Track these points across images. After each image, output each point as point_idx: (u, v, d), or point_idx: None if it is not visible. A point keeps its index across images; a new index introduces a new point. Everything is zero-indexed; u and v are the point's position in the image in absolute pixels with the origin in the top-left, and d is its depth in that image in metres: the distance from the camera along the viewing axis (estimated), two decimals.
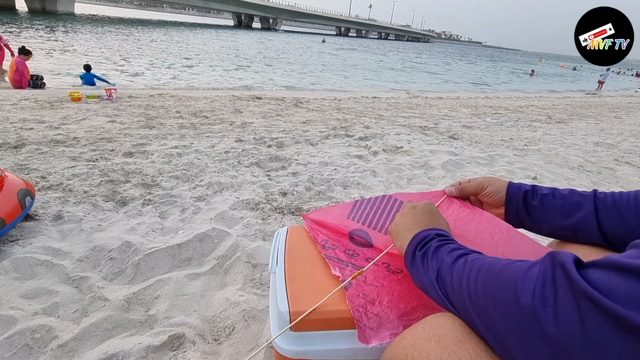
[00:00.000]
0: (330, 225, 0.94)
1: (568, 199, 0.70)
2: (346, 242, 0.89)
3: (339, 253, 0.85)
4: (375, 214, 0.91)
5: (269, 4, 79.97)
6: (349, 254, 0.84)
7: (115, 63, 11.09)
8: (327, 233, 0.92)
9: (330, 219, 0.95)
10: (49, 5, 38.96)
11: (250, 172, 2.78)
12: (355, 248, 0.87)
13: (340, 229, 0.92)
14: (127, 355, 1.14)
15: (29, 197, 1.80)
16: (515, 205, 0.75)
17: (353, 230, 0.91)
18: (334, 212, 0.97)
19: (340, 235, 0.91)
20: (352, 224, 0.92)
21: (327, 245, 0.88)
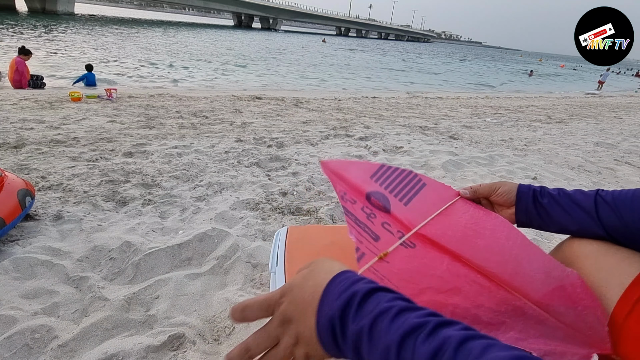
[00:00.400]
0: (350, 179, 0.86)
1: (572, 197, 0.74)
2: (364, 201, 0.82)
3: (357, 210, 0.78)
4: (399, 183, 0.87)
5: (269, 4, 79.98)
6: (367, 212, 0.79)
7: (115, 63, 11.09)
8: (346, 186, 0.85)
9: (352, 173, 0.87)
10: (49, 5, 38.98)
11: (250, 172, 2.78)
12: (373, 209, 0.81)
13: (360, 186, 0.85)
14: (127, 355, 1.14)
15: (29, 197, 1.80)
16: (525, 204, 0.78)
17: (372, 191, 0.85)
18: (357, 167, 0.90)
19: (358, 192, 0.84)
20: (374, 185, 0.86)
21: (346, 197, 0.81)
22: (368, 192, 0.84)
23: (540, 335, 0.62)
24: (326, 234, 0.97)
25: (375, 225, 0.75)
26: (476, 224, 0.79)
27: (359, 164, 0.91)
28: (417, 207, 0.82)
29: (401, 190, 0.86)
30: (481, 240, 0.75)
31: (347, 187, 0.84)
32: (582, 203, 0.73)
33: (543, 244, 2.06)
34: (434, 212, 0.82)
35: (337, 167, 0.89)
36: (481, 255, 0.72)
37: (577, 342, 0.62)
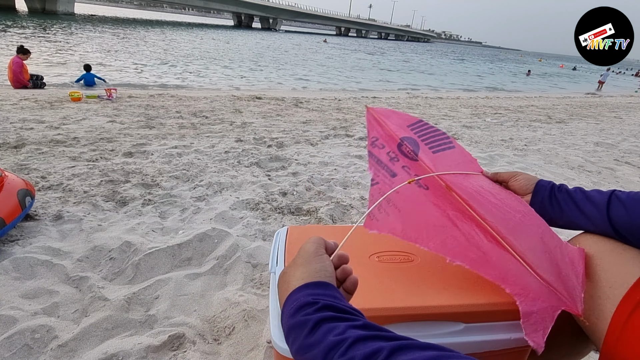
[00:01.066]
0: (389, 125, 0.97)
1: (587, 194, 0.78)
2: (394, 147, 0.92)
3: (383, 154, 0.88)
4: (433, 137, 0.97)
5: (269, 4, 79.97)
6: (391, 156, 0.88)
7: (114, 63, 11.09)
8: (381, 132, 0.94)
9: (392, 120, 0.98)
10: (49, 5, 38.97)
11: (250, 172, 2.78)
12: (398, 154, 0.89)
13: (395, 132, 0.95)
14: (127, 355, 1.14)
15: (29, 197, 1.80)
16: (541, 196, 0.82)
17: (406, 136, 0.94)
18: (398, 116, 1.00)
19: (392, 139, 0.94)
20: (409, 132, 0.96)
21: (376, 143, 0.91)
22: (402, 136, 0.94)
23: (518, 283, 0.67)
24: (326, 234, 0.97)
25: (395, 166, 0.85)
26: (490, 189, 0.87)
27: (401, 114, 1.01)
28: (442, 158, 0.92)
29: (433, 142, 0.96)
30: (492, 199, 0.82)
31: (382, 132, 0.95)
32: (594, 199, 0.75)
33: None
34: (456, 169, 0.91)
35: (380, 113, 1.00)
36: (487, 209, 0.79)
37: (550, 298, 0.66)
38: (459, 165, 0.93)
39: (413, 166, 0.88)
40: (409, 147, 0.92)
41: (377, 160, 0.86)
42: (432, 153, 0.93)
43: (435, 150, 0.94)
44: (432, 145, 0.95)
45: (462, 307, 0.72)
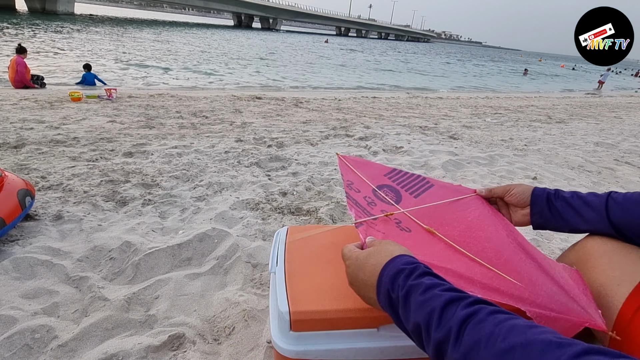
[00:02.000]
0: (362, 174, 0.96)
1: (584, 199, 0.78)
2: (369, 192, 0.90)
3: (359, 197, 0.87)
4: (410, 182, 0.96)
5: (269, 4, 79.96)
6: (368, 201, 0.86)
7: (114, 63, 11.09)
8: (355, 178, 0.94)
9: (365, 170, 0.97)
10: (49, 5, 38.96)
11: (250, 172, 2.78)
12: (375, 199, 0.88)
13: (371, 180, 0.94)
14: (127, 355, 1.14)
15: (29, 197, 1.80)
16: (539, 207, 0.81)
17: (383, 184, 0.93)
18: (373, 166, 0.99)
19: (366, 185, 0.93)
20: (386, 181, 0.95)
21: (353, 186, 0.90)
22: (379, 184, 0.93)
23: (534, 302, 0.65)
24: (326, 234, 0.97)
25: (373, 211, 0.83)
26: (481, 221, 0.84)
27: (375, 165, 1.00)
28: (426, 198, 0.91)
29: (412, 187, 0.95)
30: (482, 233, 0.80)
31: (356, 179, 0.93)
32: (592, 203, 0.75)
33: (543, 243, 2.06)
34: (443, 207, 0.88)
35: (352, 162, 1.00)
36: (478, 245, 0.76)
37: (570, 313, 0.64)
38: (445, 197, 0.91)
39: (391, 209, 0.86)
40: (389, 193, 0.91)
41: (355, 202, 0.84)
42: (414, 198, 0.91)
43: (417, 194, 0.93)
44: (412, 190, 0.94)
45: None
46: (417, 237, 0.77)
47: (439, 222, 0.83)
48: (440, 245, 0.76)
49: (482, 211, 0.87)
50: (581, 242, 0.80)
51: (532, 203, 0.82)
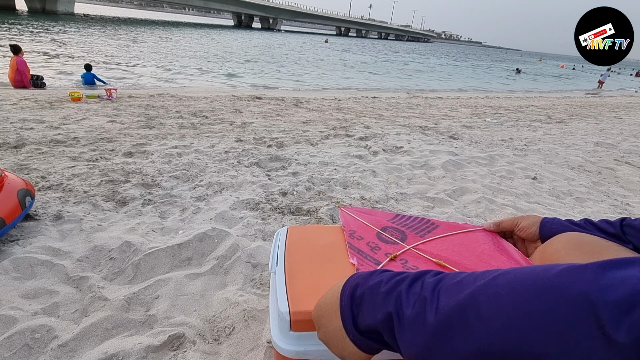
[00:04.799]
0: (366, 220, 0.96)
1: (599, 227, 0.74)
2: (373, 237, 0.90)
3: (362, 244, 0.86)
4: (415, 224, 0.96)
5: (269, 4, 79.95)
6: (371, 246, 0.86)
7: (114, 63, 11.09)
8: (358, 225, 0.94)
9: (368, 219, 0.96)
10: (49, 5, 38.96)
11: (250, 172, 2.78)
12: (379, 243, 0.87)
13: (374, 225, 0.94)
14: (127, 355, 1.14)
15: (29, 197, 1.80)
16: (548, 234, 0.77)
17: (387, 227, 0.93)
18: (376, 213, 1.00)
19: (370, 230, 0.92)
20: (391, 224, 0.95)
21: (355, 235, 0.90)
22: (383, 227, 0.93)
23: None
24: (326, 234, 0.97)
25: (377, 255, 0.83)
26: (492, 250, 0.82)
27: (378, 212, 1.01)
28: (432, 236, 0.90)
29: (417, 228, 0.94)
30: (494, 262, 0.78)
31: (359, 226, 0.94)
32: (609, 230, 0.73)
33: None
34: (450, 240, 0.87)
35: (355, 211, 1.00)
36: None
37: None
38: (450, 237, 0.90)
39: (397, 250, 0.85)
40: (395, 233, 0.91)
41: (358, 251, 0.84)
42: (420, 237, 0.90)
43: (423, 233, 0.92)
44: (417, 230, 0.93)
45: None
46: None
47: (448, 254, 0.82)
48: None
49: (492, 242, 0.85)
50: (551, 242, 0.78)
51: (542, 237, 0.79)
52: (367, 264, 0.79)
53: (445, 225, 0.94)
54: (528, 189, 2.95)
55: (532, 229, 0.80)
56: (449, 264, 0.77)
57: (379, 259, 0.81)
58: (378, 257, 0.82)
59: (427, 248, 0.85)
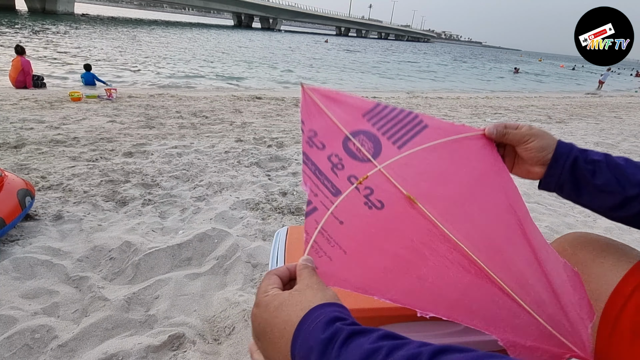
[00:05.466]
0: (335, 115, 0.68)
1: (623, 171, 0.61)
2: (337, 145, 0.66)
3: (322, 158, 0.63)
4: (396, 125, 0.70)
5: (269, 4, 80.00)
6: (333, 162, 0.63)
7: (113, 63, 11.09)
8: (322, 124, 0.67)
9: (340, 108, 0.70)
10: (49, 5, 38.97)
11: (250, 172, 2.78)
12: (344, 157, 0.64)
13: (344, 124, 0.68)
14: (127, 355, 1.14)
15: (29, 197, 1.80)
16: (560, 170, 0.64)
17: (359, 130, 0.68)
18: (351, 101, 0.71)
19: (336, 134, 0.67)
20: (364, 124, 0.69)
21: (314, 140, 0.65)
22: (354, 130, 0.67)
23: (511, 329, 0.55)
24: None
25: (338, 179, 0.62)
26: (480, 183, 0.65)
27: (353, 99, 0.72)
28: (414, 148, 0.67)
29: (397, 132, 0.69)
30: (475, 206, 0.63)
31: (323, 125, 0.67)
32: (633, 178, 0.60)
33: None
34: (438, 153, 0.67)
35: (323, 97, 0.70)
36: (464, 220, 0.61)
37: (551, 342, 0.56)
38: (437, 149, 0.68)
39: (366, 170, 0.64)
40: (366, 143, 0.67)
41: (314, 169, 0.61)
42: (397, 148, 0.67)
43: (404, 142, 0.68)
44: (398, 136, 0.68)
45: None
46: (391, 215, 0.60)
47: (426, 182, 0.64)
48: (421, 224, 0.60)
49: (484, 167, 0.67)
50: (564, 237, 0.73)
51: (553, 163, 0.64)
52: (322, 195, 0.59)
53: (434, 128, 0.70)
54: (528, 188, 2.95)
55: (542, 154, 0.64)
56: (422, 202, 0.61)
57: (340, 188, 0.61)
58: (339, 183, 0.61)
59: (401, 168, 0.64)
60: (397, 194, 0.62)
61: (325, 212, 0.58)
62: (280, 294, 0.46)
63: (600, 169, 0.61)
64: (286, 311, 0.43)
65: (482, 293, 0.56)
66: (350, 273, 0.54)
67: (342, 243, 0.56)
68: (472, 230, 0.61)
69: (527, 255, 0.60)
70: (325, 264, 0.54)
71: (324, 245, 0.55)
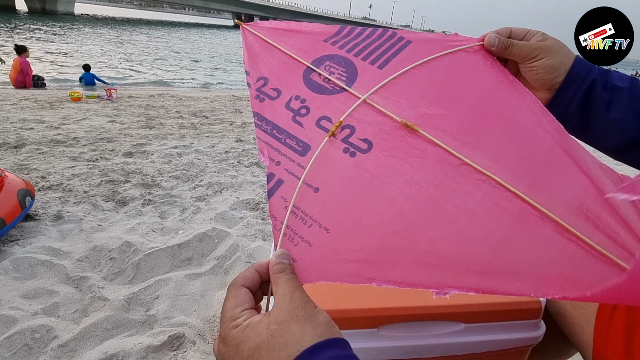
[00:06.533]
0: (289, 47, 0.53)
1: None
2: (297, 81, 0.50)
3: (278, 110, 0.48)
4: (371, 44, 0.53)
5: (269, 4, 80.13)
6: (294, 108, 0.48)
7: (113, 63, 11.10)
8: (273, 63, 0.52)
9: (293, 40, 0.54)
10: (49, 6, 39.00)
11: (250, 172, 2.78)
12: (308, 96, 0.48)
13: (302, 55, 0.52)
14: (127, 355, 1.14)
15: (29, 197, 1.80)
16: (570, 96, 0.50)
17: (324, 57, 0.52)
18: (303, 29, 0.55)
19: (294, 69, 0.51)
20: (330, 49, 0.53)
21: (264, 89, 0.50)
22: (317, 58, 0.52)
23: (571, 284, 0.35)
24: None
25: (304, 128, 0.46)
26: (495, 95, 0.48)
27: (308, 26, 0.56)
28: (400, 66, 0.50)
29: (374, 51, 0.52)
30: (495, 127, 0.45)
31: (273, 64, 0.52)
32: None
33: None
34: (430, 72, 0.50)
35: (268, 32, 0.55)
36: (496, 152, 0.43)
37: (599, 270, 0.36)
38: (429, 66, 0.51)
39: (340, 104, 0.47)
40: (336, 69, 0.50)
41: (271, 128, 0.46)
42: (378, 68, 0.50)
43: (384, 60, 0.51)
44: (375, 56, 0.51)
45: (462, 307, 0.72)
46: (383, 156, 0.43)
47: (423, 105, 0.47)
48: (429, 157, 0.43)
49: (494, 78, 0.50)
50: None
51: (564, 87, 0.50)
52: (286, 159, 0.44)
53: (421, 42, 0.53)
54: None
55: (552, 76, 0.49)
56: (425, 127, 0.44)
57: (308, 141, 0.45)
58: (305, 135, 0.45)
59: (390, 94, 0.47)
60: (388, 123, 0.45)
61: (294, 183, 0.42)
62: (254, 326, 0.33)
63: (619, 98, 0.49)
64: (266, 358, 0.31)
65: (530, 240, 0.38)
66: (338, 257, 0.40)
67: (322, 218, 0.41)
68: (502, 151, 0.43)
69: (579, 179, 0.41)
70: (304, 253, 0.40)
71: (299, 228, 0.41)
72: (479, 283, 0.37)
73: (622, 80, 0.50)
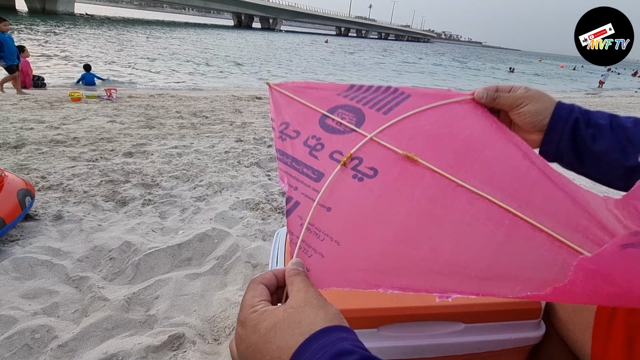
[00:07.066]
0: (306, 100, 0.64)
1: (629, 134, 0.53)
2: (314, 125, 0.60)
3: (297, 146, 0.57)
4: (377, 97, 0.64)
5: (269, 4, 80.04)
6: (311, 145, 0.57)
7: (113, 63, 11.10)
8: (293, 111, 0.63)
9: (310, 96, 0.65)
10: (49, 5, 38.98)
11: (250, 172, 2.78)
12: (323, 135, 0.58)
13: (317, 105, 0.63)
14: (127, 355, 1.14)
15: (29, 197, 1.80)
16: (559, 135, 0.56)
17: (337, 106, 0.62)
18: (322, 88, 0.66)
19: (311, 115, 0.62)
20: (342, 100, 0.63)
21: (286, 132, 0.60)
22: (331, 107, 0.62)
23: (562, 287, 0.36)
24: None
25: (319, 160, 0.54)
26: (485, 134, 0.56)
27: (325, 84, 0.67)
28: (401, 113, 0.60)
29: (380, 102, 0.63)
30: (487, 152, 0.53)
31: (294, 112, 0.63)
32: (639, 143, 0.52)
33: None
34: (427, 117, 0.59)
35: (293, 90, 0.65)
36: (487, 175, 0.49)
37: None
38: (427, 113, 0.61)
39: (350, 141, 0.56)
40: (347, 115, 0.61)
41: (290, 161, 0.55)
42: (383, 115, 0.60)
43: (388, 108, 0.61)
44: (380, 105, 0.62)
45: (462, 307, 0.72)
46: (387, 180, 0.51)
47: (421, 141, 0.55)
48: (427, 179, 0.50)
49: (484, 123, 0.58)
50: None
51: (550, 129, 0.56)
52: (303, 185, 0.52)
53: (419, 95, 0.64)
54: None
55: (538, 119, 0.56)
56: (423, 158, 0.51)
57: (322, 170, 0.53)
58: (320, 165, 0.54)
59: (393, 133, 0.56)
60: (392, 155, 0.53)
61: (309, 204, 0.49)
62: (271, 310, 0.37)
63: (601, 133, 0.54)
64: (281, 335, 0.35)
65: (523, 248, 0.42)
66: (347, 266, 0.45)
67: (333, 233, 0.47)
68: (493, 175, 0.49)
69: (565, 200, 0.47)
70: (317, 263, 0.46)
71: (313, 241, 0.47)
72: (480, 287, 0.41)
73: (602, 118, 0.56)
